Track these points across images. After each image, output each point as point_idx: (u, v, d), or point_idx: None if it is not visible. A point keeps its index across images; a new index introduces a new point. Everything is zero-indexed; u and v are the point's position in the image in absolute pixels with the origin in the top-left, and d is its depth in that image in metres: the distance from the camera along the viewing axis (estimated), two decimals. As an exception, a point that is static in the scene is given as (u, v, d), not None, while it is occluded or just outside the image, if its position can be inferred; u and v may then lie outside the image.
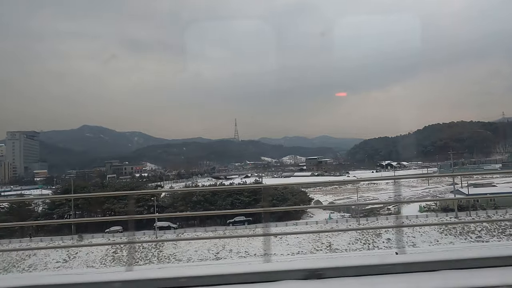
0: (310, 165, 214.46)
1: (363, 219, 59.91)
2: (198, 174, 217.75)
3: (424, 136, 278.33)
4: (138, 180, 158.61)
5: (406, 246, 52.23)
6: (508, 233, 53.69)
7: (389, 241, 53.29)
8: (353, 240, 53.23)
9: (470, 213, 59.27)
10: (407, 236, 53.92)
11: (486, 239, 52.71)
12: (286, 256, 50.25)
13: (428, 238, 53.18)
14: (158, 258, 50.67)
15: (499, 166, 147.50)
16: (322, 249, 51.63)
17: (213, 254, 51.25)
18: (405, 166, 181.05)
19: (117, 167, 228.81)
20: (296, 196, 69.31)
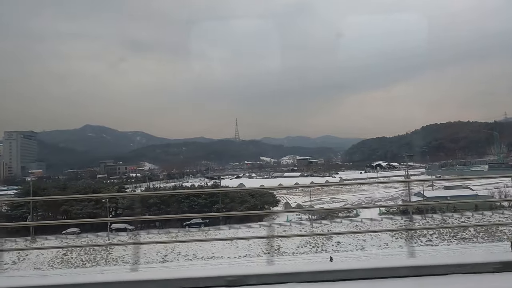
0: (301, 165, 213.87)
1: (318, 222, 59.80)
2: (190, 174, 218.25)
3: (421, 136, 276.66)
4: (126, 181, 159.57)
5: (354, 249, 52.37)
6: (459, 237, 53.36)
7: (338, 244, 53.26)
8: (303, 243, 53.17)
9: (425, 216, 58.93)
10: (357, 239, 53.94)
11: (436, 243, 52.42)
12: (232, 259, 50.49)
13: (378, 241, 52.96)
14: (106, 260, 51.05)
15: (486, 167, 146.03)
16: (270, 252, 51.52)
17: (161, 257, 51.52)
18: (395, 167, 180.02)
19: (111, 167, 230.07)
20: (260, 198, 69.40)
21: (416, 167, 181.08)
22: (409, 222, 57.89)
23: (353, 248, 52.09)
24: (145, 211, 59.55)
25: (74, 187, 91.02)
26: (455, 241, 52.85)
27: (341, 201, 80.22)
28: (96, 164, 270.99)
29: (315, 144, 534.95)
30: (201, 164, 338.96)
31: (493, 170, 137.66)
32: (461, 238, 53.18)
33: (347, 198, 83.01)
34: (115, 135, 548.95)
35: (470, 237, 53.12)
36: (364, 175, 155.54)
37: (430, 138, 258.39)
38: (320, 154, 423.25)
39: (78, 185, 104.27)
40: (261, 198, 69.42)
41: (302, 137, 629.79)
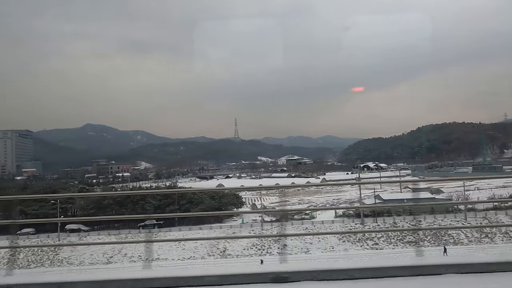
0: (290, 166, 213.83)
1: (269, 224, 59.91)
2: (180, 174, 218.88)
3: (416, 137, 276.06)
4: (113, 180, 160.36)
5: (299, 252, 52.44)
6: (406, 241, 53.25)
7: (285, 247, 53.27)
8: (249, 245, 53.32)
9: (377, 219, 58.78)
10: (305, 242, 53.98)
11: (381, 246, 52.38)
12: (176, 261, 50.76)
13: (324, 244, 53.01)
14: (51, 261, 51.52)
15: (471, 169, 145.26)
16: (215, 255, 51.90)
17: (107, 258, 51.93)
18: (382, 168, 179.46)
19: (103, 166, 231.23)
20: (222, 199, 69.67)
21: (405, 168, 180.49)
22: (360, 225, 57.96)
23: (298, 251, 52.15)
24: (99, 212, 59.91)
25: (34, 187, 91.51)
26: (401, 244, 52.77)
27: (306, 203, 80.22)
28: (93, 163, 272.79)
29: (316, 144, 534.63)
30: (197, 164, 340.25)
31: (476, 172, 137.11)
32: (407, 241, 53.09)
33: (314, 200, 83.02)
34: (116, 134, 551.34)
35: (417, 240, 52.93)
36: (348, 176, 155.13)
37: (424, 139, 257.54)
38: (319, 154, 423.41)
39: (38, 186, 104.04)
40: (223, 199, 69.63)
41: (303, 137, 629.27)
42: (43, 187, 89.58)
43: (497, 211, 59.36)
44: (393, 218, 58.61)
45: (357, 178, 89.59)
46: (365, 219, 59.79)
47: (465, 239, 52.90)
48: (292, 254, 51.71)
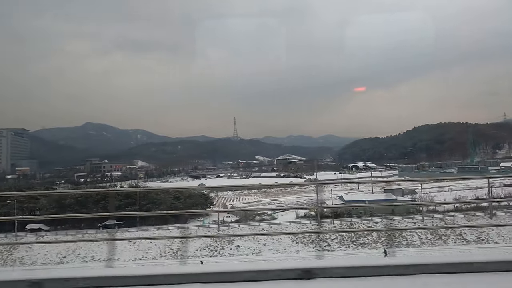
0: (280, 165, 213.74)
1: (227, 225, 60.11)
2: (172, 173, 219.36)
3: (411, 137, 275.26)
4: (102, 180, 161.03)
5: (251, 254, 52.60)
6: (359, 243, 53.27)
7: (237, 248, 53.52)
8: (203, 246, 53.53)
9: (334, 221, 58.75)
10: (258, 243, 54.10)
11: (334, 248, 52.44)
12: (128, 262, 50.99)
13: (277, 245, 53.10)
14: (5, 261, 51.97)
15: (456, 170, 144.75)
16: (168, 255, 52.17)
17: (60, 258, 52.31)
18: (371, 168, 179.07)
19: (96, 165, 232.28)
20: (188, 199, 69.92)
21: (394, 168, 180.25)
22: (317, 226, 58.01)
23: (250, 252, 52.30)
24: (61, 211, 60.23)
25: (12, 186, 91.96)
26: (354, 246, 52.79)
27: (277, 203, 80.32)
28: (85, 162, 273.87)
29: (316, 144, 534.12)
30: (194, 163, 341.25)
31: (461, 173, 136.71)
32: (360, 243, 53.12)
33: (285, 200, 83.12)
34: (116, 133, 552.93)
35: (370, 242, 53.02)
36: (336, 176, 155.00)
37: (418, 139, 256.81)
38: (318, 153, 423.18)
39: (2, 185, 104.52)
40: (189, 199, 69.90)
41: (303, 136, 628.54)
42: (16, 185, 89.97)
43: (455, 212, 59.23)
44: (350, 220, 58.55)
45: (313, 178, 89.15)
46: (322, 220, 59.85)
47: (418, 241, 52.81)
48: (243, 255, 52.12)
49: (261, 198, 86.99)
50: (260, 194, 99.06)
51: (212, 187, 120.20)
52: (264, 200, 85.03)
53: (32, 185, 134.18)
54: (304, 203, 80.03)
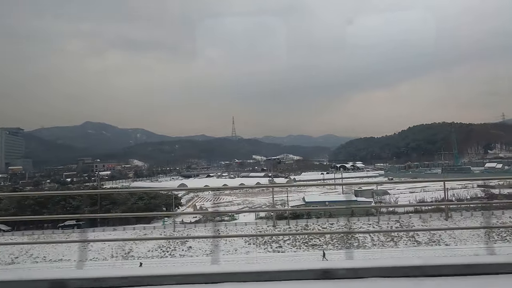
0: (270, 165, 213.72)
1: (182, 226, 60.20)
2: (163, 173, 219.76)
3: (404, 137, 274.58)
4: (89, 179, 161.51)
5: (201, 255, 52.63)
6: (311, 244, 53.23)
7: (189, 249, 53.60)
8: (155, 247, 53.67)
9: (289, 222, 58.73)
10: (211, 244, 54.14)
11: (285, 249, 52.41)
12: (72, 262, 51.18)
13: (230, 247, 53.08)
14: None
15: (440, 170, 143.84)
16: (117, 256, 52.31)
17: (11, 259, 52.59)
18: (359, 168, 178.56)
19: (89, 165, 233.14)
20: (153, 200, 70.06)
21: (381, 169, 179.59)
22: (272, 227, 58.05)
23: (202, 253, 52.36)
24: (20, 212, 60.54)
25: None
26: (304, 247, 52.75)
27: (247, 204, 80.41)
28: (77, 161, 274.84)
29: (316, 143, 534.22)
30: (190, 162, 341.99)
31: (445, 173, 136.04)
32: (312, 244, 53.07)
33: (258, 201, 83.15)
34: (115, 132, 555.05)
35: (322, 244, 52.96)
36: (322, 176, 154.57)
37: (411, 139, 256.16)
38: (316, 153, 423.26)
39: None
40: (154, 200, 70.09)
41: (303, 135, 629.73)
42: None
43: (414, 214, 59.05)
44: (306, 221, 58.50)
45: (270, 180, 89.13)
46: (280, 221, 59.87)
47: (370, 243, 52.68)
48: (194, 256, 52.22)
49: (235, 198, 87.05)
50: (240, 194, 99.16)
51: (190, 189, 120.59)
52: (236, 200, 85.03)
53: (18, 185, 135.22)
54: (271, 204, 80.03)
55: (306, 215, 61.29)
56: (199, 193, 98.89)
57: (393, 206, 60.03)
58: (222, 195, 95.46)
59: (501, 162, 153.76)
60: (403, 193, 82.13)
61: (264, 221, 61.22)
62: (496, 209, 55.96)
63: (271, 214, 63.53)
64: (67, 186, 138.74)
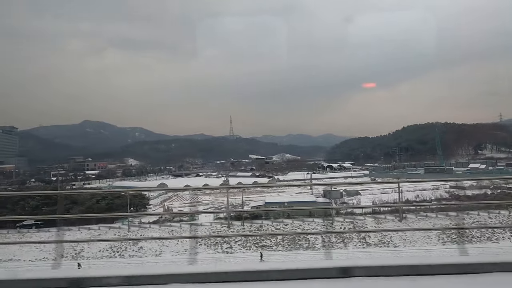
0: (258, 165, 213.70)
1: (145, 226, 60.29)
2: (152, 172, 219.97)
3: (397, 137, 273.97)
4: (75, 178, 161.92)
5: (150, 255, 52.77)
6: (261, 245, 53.20)
7: (140, 249, 53.70)
8: (107, 247, 53.79)
9: (244, 222, 58.71)
10: (162, 245, 54.24)
11: (234, 250, 52.44)
12: (28, 262, 51.44)
13: (181, 247, 53.13)
14: None
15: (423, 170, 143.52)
16: (68, 257, 52.43)
17: (-37, 258, 52.88)
18: (346, 168, 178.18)
19: (80, 164, 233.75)
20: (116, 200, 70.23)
21: (366, 168, 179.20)
22: (226, 228, 58.02)
23: (151, 254, 52.49)
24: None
25: None
26: (254, 248, 52.74)
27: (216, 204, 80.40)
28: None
29: (315, 143, 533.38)
30: (185, 161, 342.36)
31: (427, 174, 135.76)
32: (262, 246, 53.04)
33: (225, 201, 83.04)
34: (114, 131, 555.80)
35: (271, 245, 52.95)
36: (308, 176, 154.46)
37: (404, 139, 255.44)
38: (314, 152, 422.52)
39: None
40: (117, 200, 70.22)
41: (303, 135, 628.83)
42: None
43: (370, 215, 58.91)
44: (261, 222, 58.47)
45: (224, 181, 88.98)
46: (238, 222, 59.87)
47: (319, 244, 52.60)
48: (143, 257, 52.31)
49: (206, 198, 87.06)
50: (217, 194, 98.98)
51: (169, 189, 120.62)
52: (206, 200, 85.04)
53: (2, 184, 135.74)
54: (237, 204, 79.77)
55: (264, 215, 61.28)
56: (178, 193, 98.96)
57: (349, 208, 59.86)
58: (202, 194, 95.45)
59: (486, 162, 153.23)
60: (373, 194, 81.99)
61: (221, 222, 61.19)
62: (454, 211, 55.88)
63: (232, 215, 63.63)
64: (51, 185, 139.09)
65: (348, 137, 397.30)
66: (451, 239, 51.70)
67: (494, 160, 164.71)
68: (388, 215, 57.93)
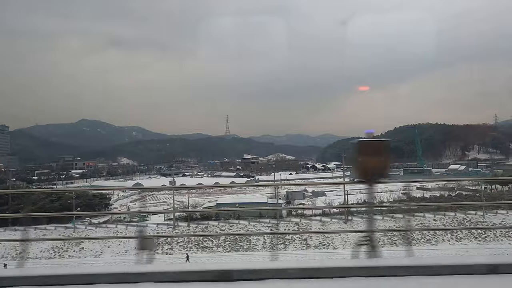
0: (244, 165, 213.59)
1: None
2: (139, 172, 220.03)
3: (388, 137, 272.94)
4: (58, 177, 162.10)
5: (90, 256, 52.66)
6: (202, 246, 53.08)
7: (81, 250, 53.64)
8: (49, 247, 53.78)
9: (190, 223, 58.60)
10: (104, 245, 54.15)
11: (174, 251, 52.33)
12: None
13: (123, 248, 53.06)
14: None
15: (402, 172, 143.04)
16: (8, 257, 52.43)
17: None
18: (329, 168, 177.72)
19: (69, 163, 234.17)
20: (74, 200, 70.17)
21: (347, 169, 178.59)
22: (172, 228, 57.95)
23: (92, 254, 52.43)
24: None
25: None
26: (195, 249, 52.62)
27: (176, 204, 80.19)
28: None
29: (313, 142, 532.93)
30: (178, 161, 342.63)
31: (406, 175, 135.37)
32: (203, 247, 52.92)
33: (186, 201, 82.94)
34: (111, 130, 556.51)
35: (211, 246, 52.83)
36: (292, 176, 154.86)
37: (393, 139, 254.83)
38: (310, 152, 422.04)
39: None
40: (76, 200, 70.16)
41: (301, 135, 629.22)
42: None
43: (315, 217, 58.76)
44: (207, 223, 58.35)
45: (171, 182, 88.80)
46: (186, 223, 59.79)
47: (260, 245, 52.43)
48: (82, 257, 52.24)
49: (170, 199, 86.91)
50: (196, 194, 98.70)
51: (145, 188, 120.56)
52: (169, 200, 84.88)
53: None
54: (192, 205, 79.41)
55: (215, 216, 61.21)
56: (154, 193, 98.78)
57: (297, 209, 59.67)
58: (178, 194, 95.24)
59: (467, 164, 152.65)
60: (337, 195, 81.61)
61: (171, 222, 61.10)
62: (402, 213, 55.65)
63: (184, 215, 63.58)
64: (32, 184, 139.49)
65: (347, 137, 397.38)
66: (392, 241, 51.53)
67: (475, 161, 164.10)
68: (337, 216, 57.79)
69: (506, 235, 50.14)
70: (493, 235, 50.12)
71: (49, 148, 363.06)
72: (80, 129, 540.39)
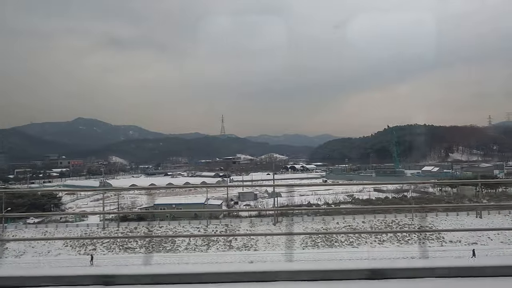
0: (226, 165, 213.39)
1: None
2: (121, 171, 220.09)
3: (375, 138, 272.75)
4: (36, 176, 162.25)
5: (11, 256, 52.34)
6: (126, 247, 52.68)
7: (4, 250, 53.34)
8: None
9: (119, 224, 58.17)
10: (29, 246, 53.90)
11: (97, 252, 51.95)
12: None
13: (45, 248, 52.80)
14: None
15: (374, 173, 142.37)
16: None
17: None
18: (309, 169, 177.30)
19: (54, 161, 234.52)
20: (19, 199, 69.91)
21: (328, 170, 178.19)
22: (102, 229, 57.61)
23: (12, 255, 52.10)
24: None
25: None
26: (118, 249, 52.23)
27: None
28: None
29: (311, 143, 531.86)
30: (169, 160, 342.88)
31: (378, 176, 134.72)
32: (127, 247, 52.52)
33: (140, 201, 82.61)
34: (107, 129, 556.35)
35: (135, 247, 52.42)
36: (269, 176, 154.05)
37: (380, 140, 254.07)
38: (304, 152, 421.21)
39: None
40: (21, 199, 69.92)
41: (299, 135, 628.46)
42: None
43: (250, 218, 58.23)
44: (137, 224, 57.96)
45: (103, 183, 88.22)
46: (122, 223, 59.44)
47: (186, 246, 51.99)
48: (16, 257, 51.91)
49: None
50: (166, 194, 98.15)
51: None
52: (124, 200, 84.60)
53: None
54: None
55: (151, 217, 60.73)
56: (123, 193, 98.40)
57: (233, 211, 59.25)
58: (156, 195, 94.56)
59: (447, 165, 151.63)
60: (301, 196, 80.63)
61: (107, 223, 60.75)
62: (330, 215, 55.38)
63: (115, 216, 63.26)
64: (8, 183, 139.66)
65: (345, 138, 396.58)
66: (315, 243, 51.06)
67: (451, 163, 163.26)
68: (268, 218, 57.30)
69: (429, 238, 49.63)
70: (416, 238, 49.51)
71: (42, 146, 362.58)
72: (76, 127, 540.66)
